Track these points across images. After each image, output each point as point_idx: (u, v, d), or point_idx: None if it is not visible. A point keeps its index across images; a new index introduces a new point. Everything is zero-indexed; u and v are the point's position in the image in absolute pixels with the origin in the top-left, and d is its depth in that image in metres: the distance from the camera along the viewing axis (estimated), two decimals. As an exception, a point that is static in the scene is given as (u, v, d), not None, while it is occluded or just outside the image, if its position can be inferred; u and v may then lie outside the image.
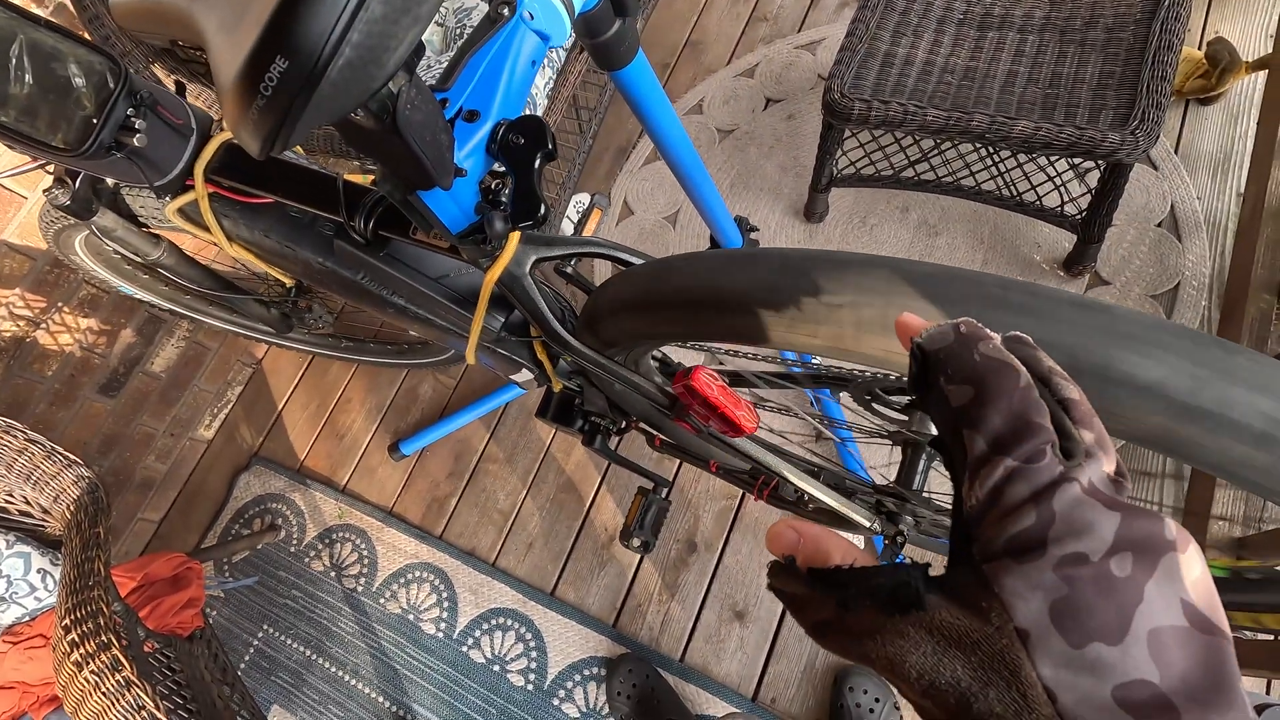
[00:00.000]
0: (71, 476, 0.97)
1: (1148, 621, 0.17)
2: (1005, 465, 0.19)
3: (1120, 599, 0.17)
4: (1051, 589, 0.17)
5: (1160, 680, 0.16)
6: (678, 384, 0.51)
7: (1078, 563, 0.17)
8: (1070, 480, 0.18)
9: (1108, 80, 1.02)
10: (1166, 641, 0.17)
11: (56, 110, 0.54)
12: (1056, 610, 0.17)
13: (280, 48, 0.24)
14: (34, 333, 1.27)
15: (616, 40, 0.58)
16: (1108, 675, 0.16)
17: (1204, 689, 0.16)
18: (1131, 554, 0.17)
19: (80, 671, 0.79)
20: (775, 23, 1.65)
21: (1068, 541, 0.18)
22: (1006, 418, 0.20)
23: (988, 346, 0.21)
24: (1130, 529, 0.18)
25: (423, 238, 0.54)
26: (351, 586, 1.41)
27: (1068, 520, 0.18)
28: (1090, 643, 0.17)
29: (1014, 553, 0.18)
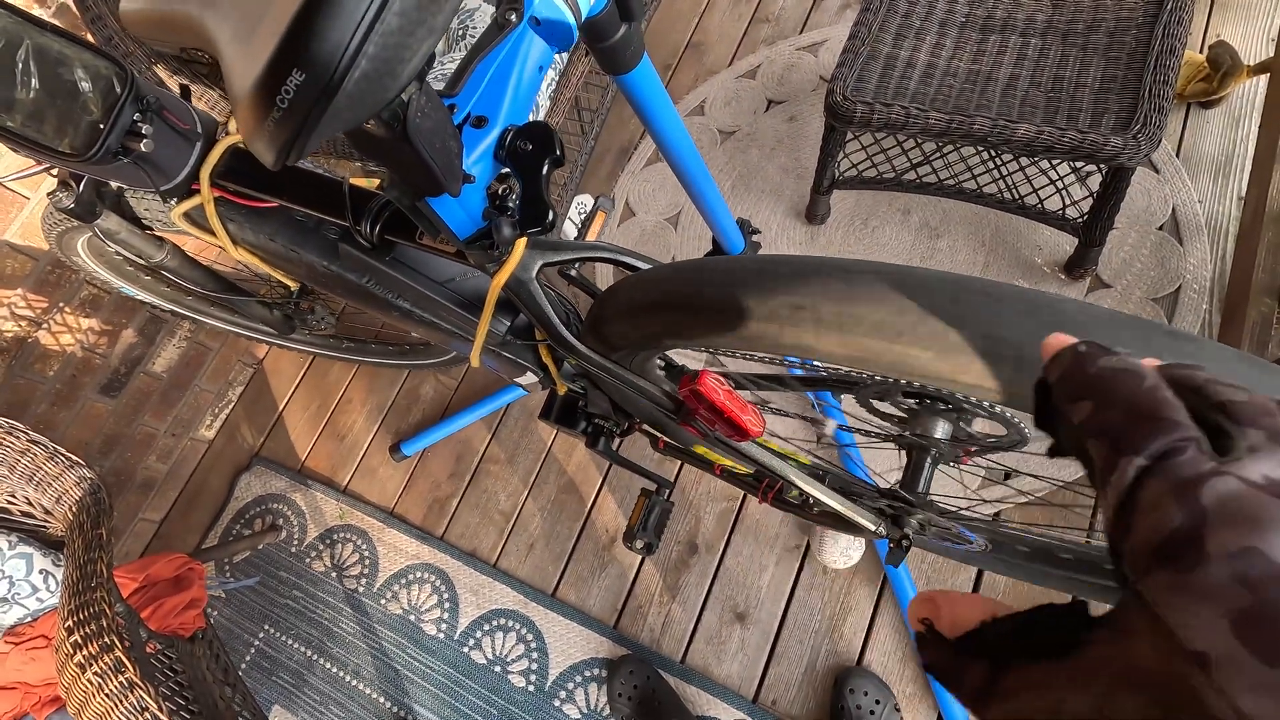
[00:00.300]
0: (74, 478, 0.97)
1: None
2: (1135, 464, 0.16)
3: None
4: (1228, 597, 0.14)
5: None
6: (684, 388, 0.51)
7: (1256, 561, 0.14)
8: (1223, 473, 0.16)
9: (1110, 84, 1.02)
10: None
11: (63, 115, 0.54)
12: (1240, 625, 0.14)
13: (297, 61, 0.25)
14: (35, 333, 1.27)
15: (622, 45, 0.58)
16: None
17: None
18: None
19: (83, 673, 0.79)
20: (777, 24, 1.65)
21: (1229, 537, 0.15)
22: (1128, 416, 0.17)
23: (1109, 358, 0.19)
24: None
25: (429, 242, 0.54)
26: (353, 587, 1.41)
27: (1225, 514, 0.15)
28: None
29: (1167, 560, 0.15)
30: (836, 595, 1.17)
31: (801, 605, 1.18)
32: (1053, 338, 0.21)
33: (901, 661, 1.11)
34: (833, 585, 1.18)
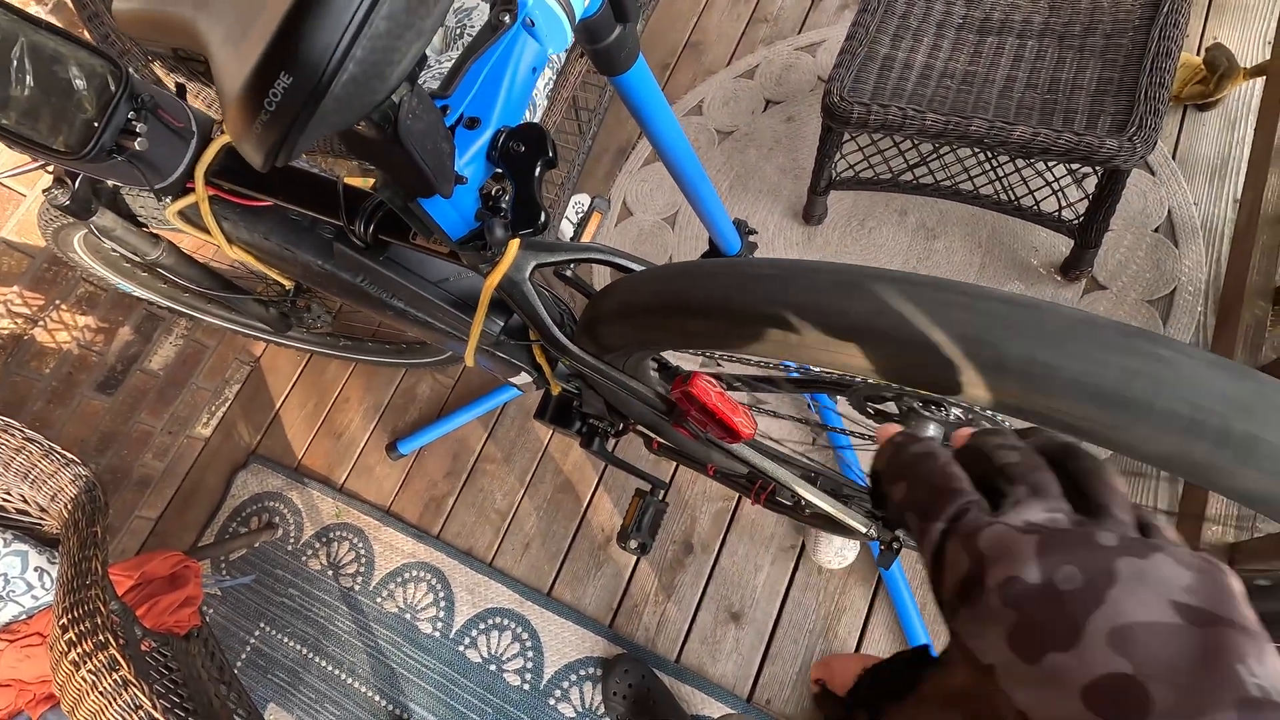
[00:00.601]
0: (69, 475, 0.97)
1: (1109, 621, 0.18)
2: (937, 528, 0.22)
3: (1069, 608, 0.18)
4: (1002, 618, 0.19)
5: (1134, 670, 0.17)
6: (676, 390, 0.51)
7: (1017, 586, 0.19)
8: (993, 524, 0.20)
9: (1106, 86, 1.03)
10: (1140, 636, 0.17)
11: (58, 113, 0.54)
12: (1012, 636, 0.18)
13: (285, 64, 0.25)
14: (32, 330, 1.27)
15: (617, 46, 0.58)
16: (1069, 679, 0.17)
17: (1189, 673, 0.17)
18: (1076, 567, 0.19)
19: (77, 671, 0.79)
20: (775, 24, 1.65)
21: (998, 570, 0.19)
22: (926, 491, 0.23)
23: (915, 445, 0.24)
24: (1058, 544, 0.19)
25: (423, 243, 0.54)
26: (349, 585, 1.42)
27: (994, 553, 0.20)
28: (1045, 654, 0.18)
29: (963, 598, 0.20)
30: (831, 595, 1.17)
31: (796, 605, 1.18)
32: (880, 430, 0.26)
33: (895, 662, 1.11)
34: (827, 585, 1.18)
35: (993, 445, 0.24)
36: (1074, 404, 0.29)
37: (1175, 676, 0.17)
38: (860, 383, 0.58)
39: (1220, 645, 0.17)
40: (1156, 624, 0.18)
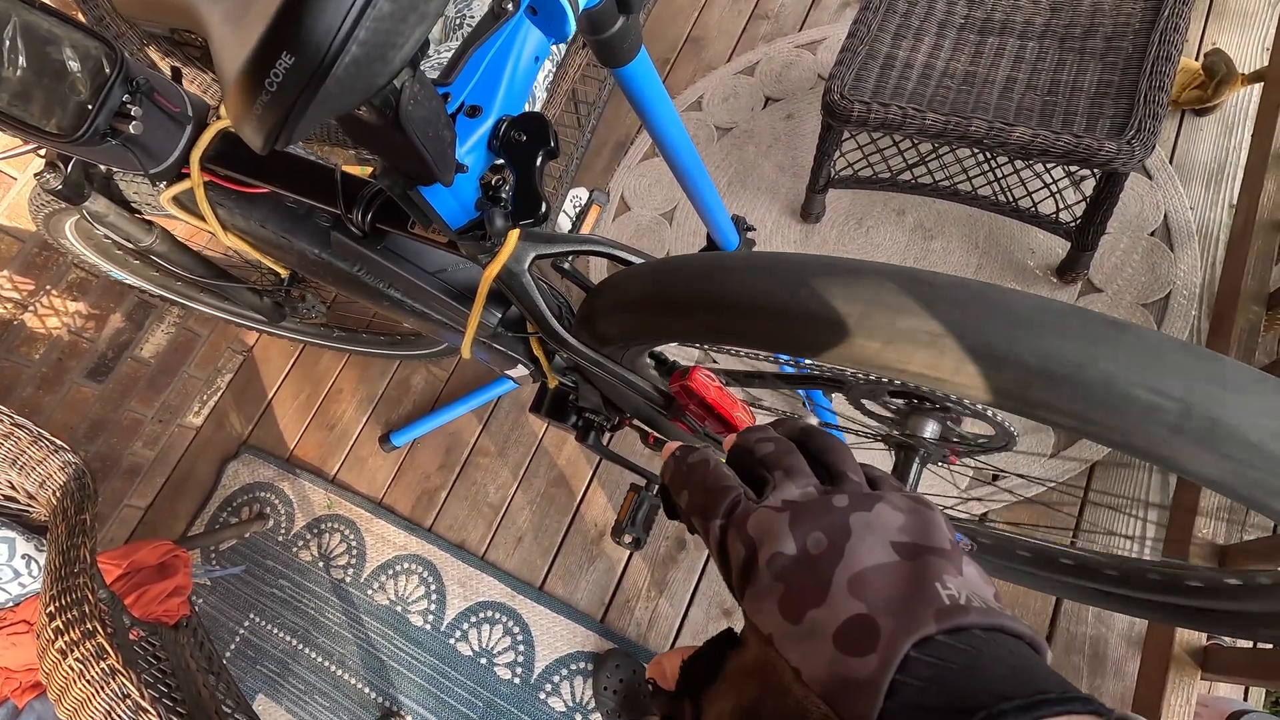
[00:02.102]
0: (58, 462, 0.96)
1: (848, 571, 0.21)
2: (717, 525, 0.24)
3: (820, 568, 0.21)
4: (774, 591, 0.21)
5: (867, 609, 0.20)
6: (675, 383, 0.51)
7: (780, 560, 0.22)
8: (757, 509, 0.24)
9: (1106, 89, 1.03)
10: (870, 579, 0.21)
11: (51, 95, 0.53)
12: (782, 604, 0.21)
13: (286, 44, 0.24)
14: (21, 315, 1.25)
15: (619, 37, 0.58)
16: (824, 630, 0.20)
17: (902, 600, 0.20)
18: (821, 531, 0.22)
19: (64, 659, 0.78)
20: (777, 21, 1.65)
21: (765, 549, 0.22)
22: (703, 494, 0.26)
23: (691, 456, 0.27)
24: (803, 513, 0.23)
25: (421, 232, 0.53)
26: (339, 577, 1.41)
27: (760, 535, 0.23)
28: (806, 613, 0.21)
29: (744, 580, 0.23)
30: (823, 593, 1.18)
31: (788, 602, 1.19)
32: (665, 448, 0.29)
33: (886, 659, 1.12)
34: (819, 583, 1.18)
35: (753, 441, 0.27)
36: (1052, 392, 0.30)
37: (893, 605, 0.20)
38: (856, 380, 0.58)
39: (924, 571, 0.21)
40: (881, 565, 0.21)
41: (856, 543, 0.22)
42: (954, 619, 0.19)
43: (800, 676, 0.20)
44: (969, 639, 0.19)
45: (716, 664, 0.24)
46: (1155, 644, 0.94)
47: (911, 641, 0.19)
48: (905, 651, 0.19)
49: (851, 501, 0.23)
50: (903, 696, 0.19)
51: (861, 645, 0.19)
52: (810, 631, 0.20)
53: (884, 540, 0.22)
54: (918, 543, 0.22)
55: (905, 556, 0.21)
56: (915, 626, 0.19)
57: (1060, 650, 1.06)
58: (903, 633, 0.19)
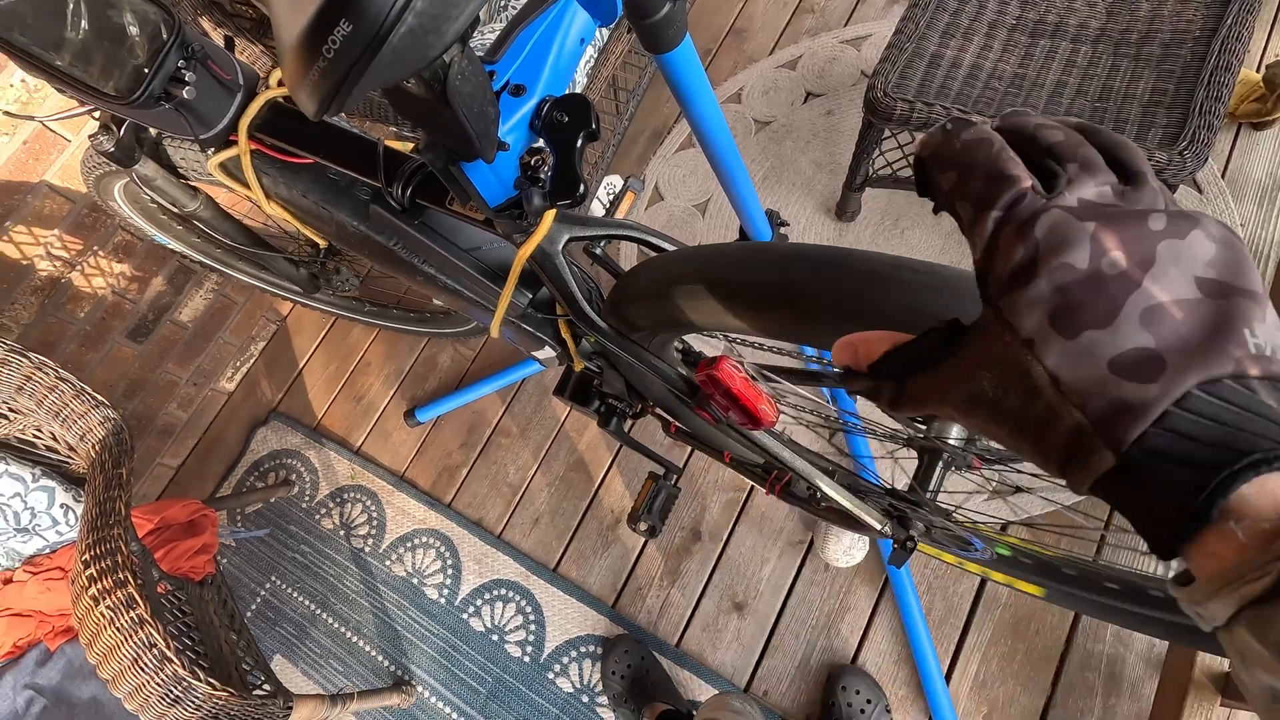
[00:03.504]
0: (98, 417, 1.00)
1: (1143, 302, 0.20)
2: (992, 218, 0.22)
3: (1110, 291, 0.20)
4: (1048, 300, 0.21)
5: (1155, 343, 0.19)
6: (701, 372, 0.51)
7: (1066, 273, 0.20)
8: (1049, 209, 0.21)
9: (1160, 97, 1.00)
10: (1167, 313, 0.20)
11: (110, 58, 0.55)
12: (1054, 316, 0.20)
13: (346, 11, 0.25)
14: (69, 274, 1.29)
15: (665, 22, 0.57)
16: (1101, 352, 0.20)
17: (1200, 341, 0.19)
18: (1123, 253, 0.20)
19: (97, 606, 0.81)
20: (822, 15, 1.63)
21: (1052, 259, 0.21)
22: (982, 180, 0.22)
23: (967, 131, 0.24)
24: (1110, 229, 0.21)
25: (459, 209, 0.54)
26: (359, 546, 1.44)
27: (1050, 241, 0.21)
28: (1083, 331, 0.20)
29: (1014, 281, 0.21)
30: (836, 593, 1.17)
31: (800, 600, 1.19)
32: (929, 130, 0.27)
33: (896, 664, 1.11)
34: (833, 583, 1.18)
35: (1034, 125, 0.24)
36: None
37: (1188, 345, 0.19)
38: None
39: (1230, 313, 0.20)
40: (1182, 300, 0.20)
41: (1159, 272, 0.20)
42: (1254, 366, 0.19)
43: (1059, 385, 0.20)
44: (1269, 389, 0.19)
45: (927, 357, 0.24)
46: (1174, 667, 0.92)
47: (1200, 379, 0.19)
48: (1190, 387, 0.19)
49: (1167, 226, 0.21)
50: (1172, 424, 0.18)
51: (1142, 374, 0.19)
52: (1085, 350, 0.20)
53: (1189, 274, 0.20)
54: (1228, 281, 0.20)
55: (1211, 295, 0.20)
56: (1208, 366, 0.19)
57: (1076, 668, 1.04)
58: (1193, 369, 0.19)
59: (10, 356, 0.94)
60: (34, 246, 1.23)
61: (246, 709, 0.89)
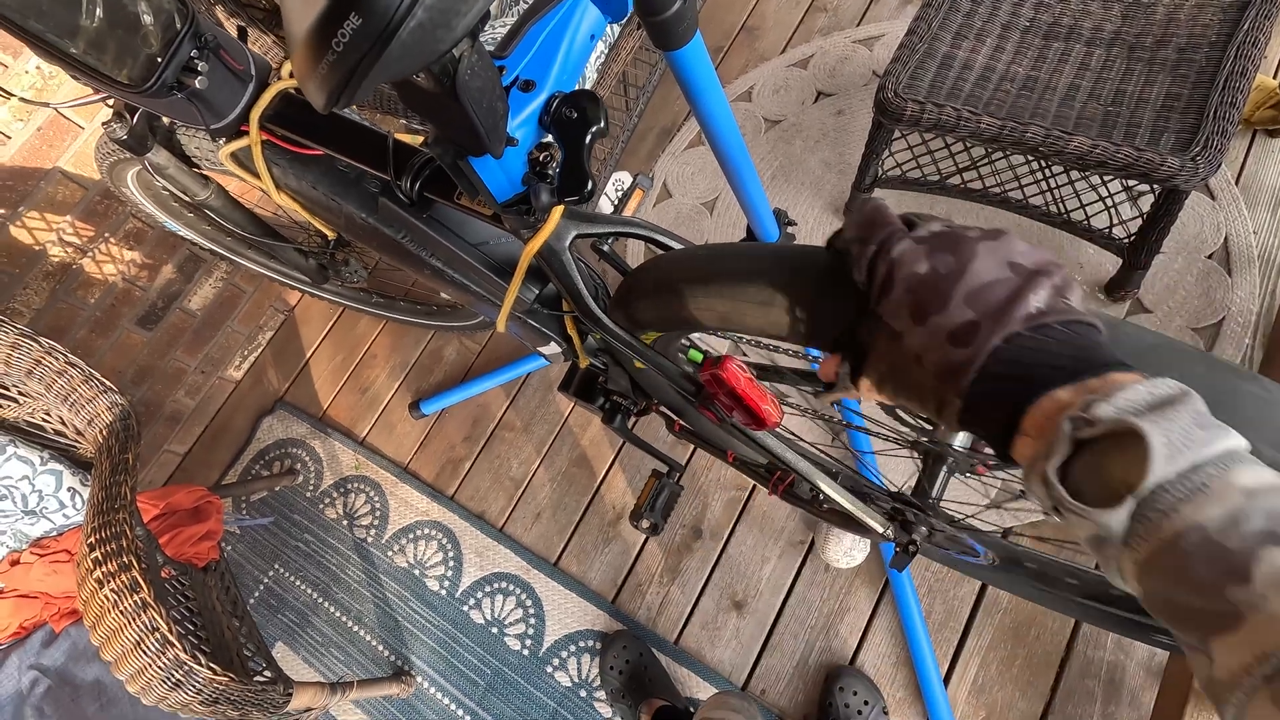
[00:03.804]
0: (106, 402, 1.01)
1: (967, 287, 0.29)
2: (869, 250, 0.32)
3: (944, 286, 0.29)
4: (905, 301, 0.30)
5: (976, 314, 0.28)
6: (705, 372, 0.51)
7: (913, 279, 0.30)
8: (903, 239, 0.31)
9: (1173, 102, 0.99)
10: (984, 292, 0.28)
11: (123, 46, 0.55)
12: (911, 311, 0.30)
13: (355, 5, 0.25)
14: (81, 260, 1.30)
15: (676, 19, 0.57)
16: (941, 329, 0.29)
17: (1001, 308, 0.28)
18: (952, 255, 0.30)
19: (101, 589, 0.82)
20: (834, 14, 1.62)
21: (902, 270, 0.30)
22: (864, 227, 0.32)
23: (870, 204, 0.34)
24: (942, 243, 0.30)
25: (467, 203, 0.54)
26: (362, 536, 1.45)
27: (900, 259, 0.30)
28: (929, 318, 0.29)
29: (882, 291, 0.31)
30: (836, 594, 1.17)
31: (800, 600, 1.19)
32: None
33: (895, 666, 1.11)
34: (833, 584, 1.18)
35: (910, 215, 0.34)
36: None
37: (994, 310, 0.28)
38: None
39: (1026, 285, 0.28)
40: (995, 280, 0.29)
41: (979, 265, 0.29)
42: (1035, 320, 0.27)
43: (921, 361, 0.29)
44: (1049, 332, 0.27)
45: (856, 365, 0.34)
46: (1175, 675, 0.92)
47: (1001, 337, 0.27)
48: (995, 344, 0.27)
49: (984, 234, 0.30)
50: (988, 371, 0.28)
51: (965, 340, 0.28)
52: (932, 331, 0.29)
53: (1003, 260, 0.29)
54: (1029, 267, 0.29)
55: (1016, 274, 0.29)
56: (1005, 327, 0.28)
57: (1075, 674, 1.04)
58: (995, 331, 0.28)
59: (21, 340, 0.95)
60: (46, 232, 1.24)
61: (247, 694, 0.89)
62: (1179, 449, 0.23)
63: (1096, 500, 0.24)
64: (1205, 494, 0.23)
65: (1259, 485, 0.23)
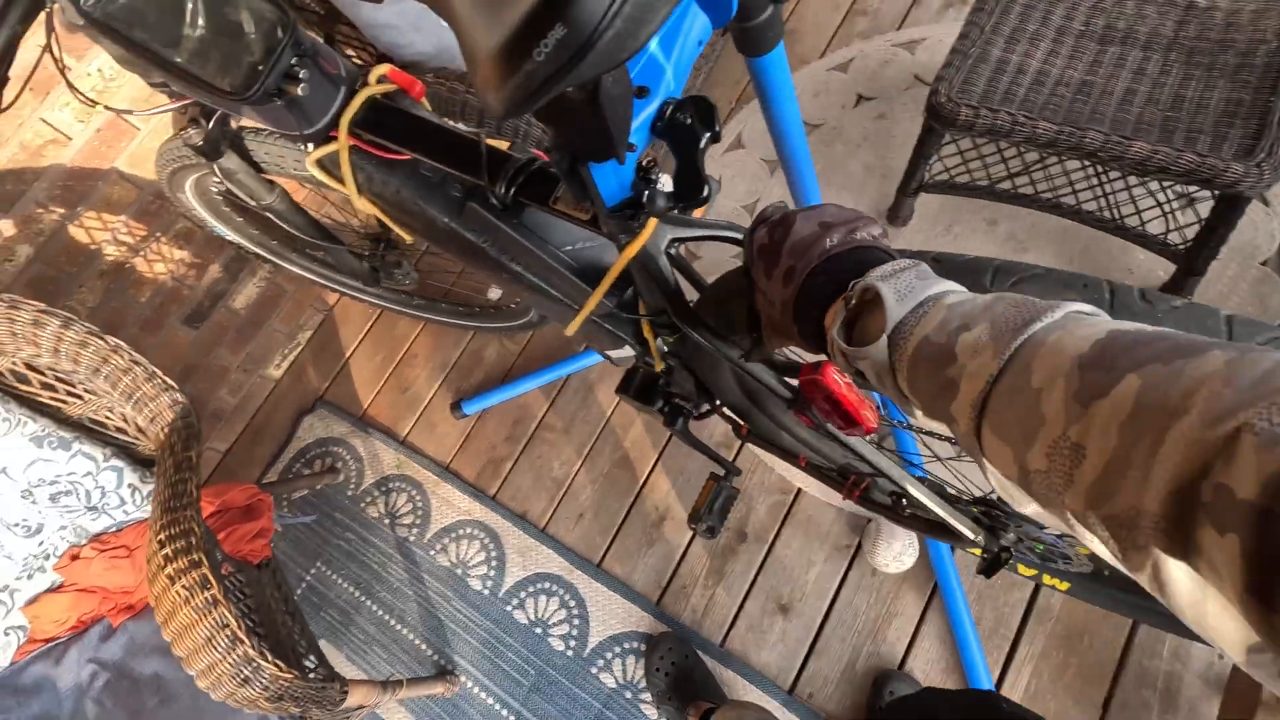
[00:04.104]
0: (168, 400, 1.02)
1: (789, 243, 0.41)
2: (749, 235, 0.45)
3: (775, 246, 0.42)
4: (761, 265, 0.43)
5: (792, 261, 0.41)
6: (804, 377, 0.52)
7: (761, 246, 0.44)
8: (759, 225, 0.45)
9: (1235, 108, 0.98)
10: (799, 245, 0.40)
11: (226, 54, 0.56)
12: (765, 271, 0.43)
13: (561, 14, 0.25)
14: (133, 259, 1.33)
15: (765, 25, 0.58)
16: (774, 277, 0.42)
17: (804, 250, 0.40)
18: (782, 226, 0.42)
19: (172, 586, 0.83)
20: (875, 18, 1.62)
21: (755, 243, 0.44)
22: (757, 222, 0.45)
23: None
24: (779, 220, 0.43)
25: (563, 208, 0.55)
26: (404, 535, 1.46)
27: (754, 238, 0.45)
28: (771, 271, 0.42)
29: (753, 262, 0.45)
30: (884, 598, 1.17)
31: (846, 604, 1.18)
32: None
33: (944, 672, 1.11)
34: (881, 588, 1.18)
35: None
36: None
37: (801, 254, 0.40)
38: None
39: (824, 234, 0.40)
40: (807, 234, 0.40)
41: (799, 225, 0.41)
42: (826, 254, 0.39)
43: (775, 305, 0.42)
44: (837, 260, 0.39)
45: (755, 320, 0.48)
46: (1240, 686, 0.91)
47: (807, 271, 0.39)
48: (804, 277, 0.39)
49: (804, 208, 0.42)
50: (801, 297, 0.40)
51: (789, 280, 0.40)
52: (773, 281, 0.41)
53: (815, 221, 0.41)
54: (832, 222, 0.40)
55: (822, 227, 0.40)
56: (809, 263, 0.39)
57: (1130, 684, 1.03)
58: (803, 269, 0.39)
59: (90, 339, 0.96)
60: (102, 231, 1.26)
61: (309, 691, 0.90)
62: (904, 294, 0.34)
63: (865, 343, 0.35)
64: (926, 317, 0.33)
65: (957, 301, 0.33)
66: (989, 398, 0.28)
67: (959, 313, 0.31)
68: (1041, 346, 0.27)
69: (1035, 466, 0.26)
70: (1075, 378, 0.25)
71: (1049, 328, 0.28)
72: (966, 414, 0.29)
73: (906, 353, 0.33)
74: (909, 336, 0.33)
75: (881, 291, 0.34)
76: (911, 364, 0.33)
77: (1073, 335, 0.27)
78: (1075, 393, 0.25)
